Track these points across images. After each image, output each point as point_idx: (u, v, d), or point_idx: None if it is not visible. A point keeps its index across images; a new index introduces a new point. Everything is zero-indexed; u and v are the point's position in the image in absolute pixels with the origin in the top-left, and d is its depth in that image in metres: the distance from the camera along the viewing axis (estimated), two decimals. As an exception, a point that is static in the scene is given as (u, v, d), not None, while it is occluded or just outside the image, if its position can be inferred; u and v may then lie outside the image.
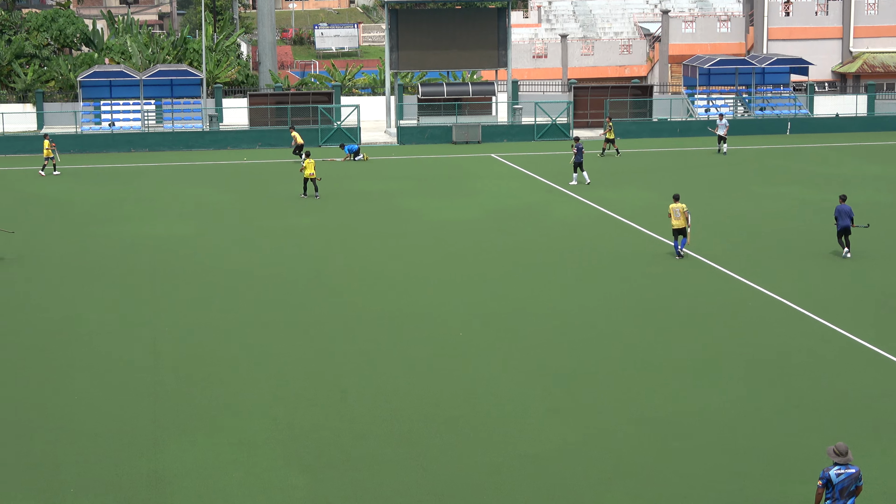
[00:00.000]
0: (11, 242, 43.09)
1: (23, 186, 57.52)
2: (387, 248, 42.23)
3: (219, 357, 29.54)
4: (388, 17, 76.25)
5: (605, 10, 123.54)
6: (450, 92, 77.39)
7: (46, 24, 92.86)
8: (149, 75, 76.46)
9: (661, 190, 53.52)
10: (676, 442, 23.55)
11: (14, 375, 28.23)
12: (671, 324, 32.14)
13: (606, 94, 78.65)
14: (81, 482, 21.88)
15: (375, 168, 62.99)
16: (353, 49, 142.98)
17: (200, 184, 57.83)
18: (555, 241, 43.08)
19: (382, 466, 22.49)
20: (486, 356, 29.38)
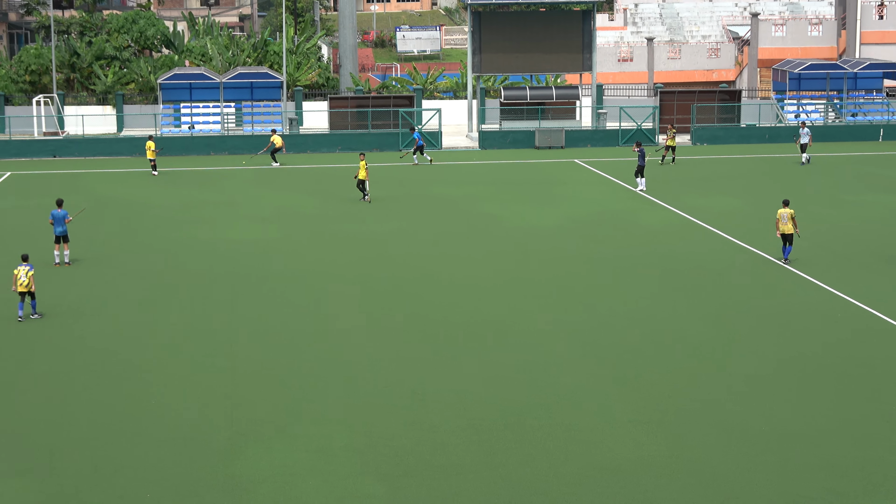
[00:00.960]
0: (89, 245, 43.58)
1: (102, 189, 58.17)
2: (467, 254, 42.23)
3: (296, 363, 29.68)
4: (471, 19, 76.24)
5: (692, 12, 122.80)
6: (533, 96, 77.27)
7: (127, 25, 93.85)
8: (229, 78, 77.03)
9: (748, 197, 53.19)
10: (765, 456, 23.34)
11: (92, 380, 28.55)
12: (758, 334, 31.85)
13: (693, 99, 78.19)
14: (158, 488, 22.07)
15: (457, 173, 63.05)
16: (434, 52, 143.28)
17: (279, 187, 58.17)
18: (639, 249, 42.86)
19: (461, 475, 22.49)
20: (568, 365, 29.29)
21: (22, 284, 32.84)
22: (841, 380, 28.03)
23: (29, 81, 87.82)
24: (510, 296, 36.28)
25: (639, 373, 28.62)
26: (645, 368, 28.96)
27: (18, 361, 30.00)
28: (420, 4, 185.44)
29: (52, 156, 70.70)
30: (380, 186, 57.49)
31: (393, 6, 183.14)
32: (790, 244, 39.59)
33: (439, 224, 48.09)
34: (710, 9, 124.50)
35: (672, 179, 59.43)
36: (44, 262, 40.43)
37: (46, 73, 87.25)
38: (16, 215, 50.95)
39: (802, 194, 54.29)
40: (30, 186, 59.46)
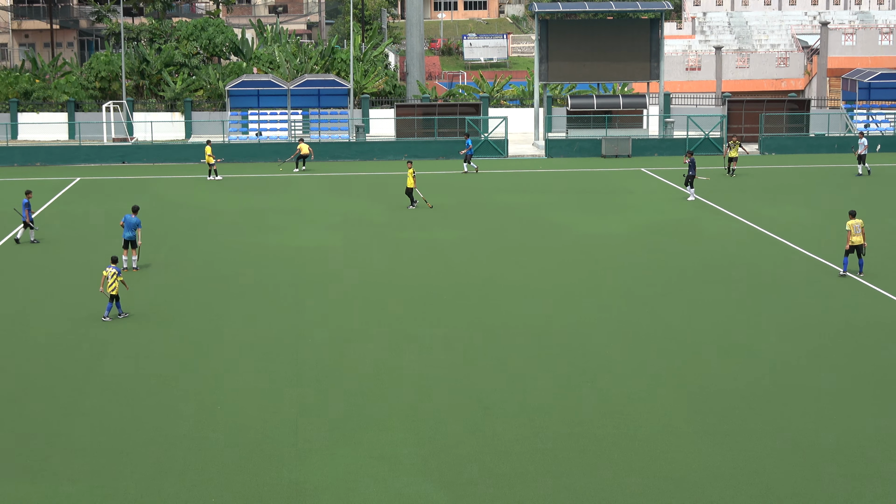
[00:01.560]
0: (157, 250, 43.94)
1: (170, 194, 58.62)
2: (532, 262, 42.17)
3: (360, 369, 29.75)
4: (539, 27, 76.23)
5: (761, 21, 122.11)
6: (600, 104, 77.13)
7: (196, 33, 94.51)
8: (296, 85, 77.43)
9: (816, 206, 52.82)
10: (831, 469, 23.13)
11: (158, 384, 28.75)
12: (827, 346, 31.57)
13: (761, 109, 77.71)
14: (222, 493, 22.18)
15: (522, 181, 63.00)
16: (501, 60, 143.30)
17: (346, 194, 58.39)
18: (705, 258, 42.63)
19: (524, 484, 22.45)
20: (634, 374, 29.17)
21: (110, 287, 33.51)
22: (910, 392, 27.78)
23: (99, 88, 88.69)
24: (575, 304, 36.18)
25: (705, 383, 28.45)
26: (711, 379, 28.78)
27: (88, 364, 30.28)
28: (487, 12, 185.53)
29: (120, 161, 71.34)
30: (445, 194, 57.58)
31: (460, 14, 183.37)
32: (862, 255, 39.13)
33: (504, 232, 48.07)
34: (780, 18, 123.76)
35: (739, 189, 59.10)
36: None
37: (116, 79, 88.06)
38: (85, 220, 51.40)
39: (871, 204, 53.78)
40: (99, 191, 60.00)
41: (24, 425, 25.91)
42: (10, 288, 39.06)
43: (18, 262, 42.99)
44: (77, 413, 26.70)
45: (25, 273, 41.18)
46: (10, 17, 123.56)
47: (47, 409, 26.99)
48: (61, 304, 36.77)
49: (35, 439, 25.05)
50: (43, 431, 25.51)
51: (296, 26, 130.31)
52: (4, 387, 28.58)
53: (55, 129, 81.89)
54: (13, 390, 28.34)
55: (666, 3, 78.00)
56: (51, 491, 22.26)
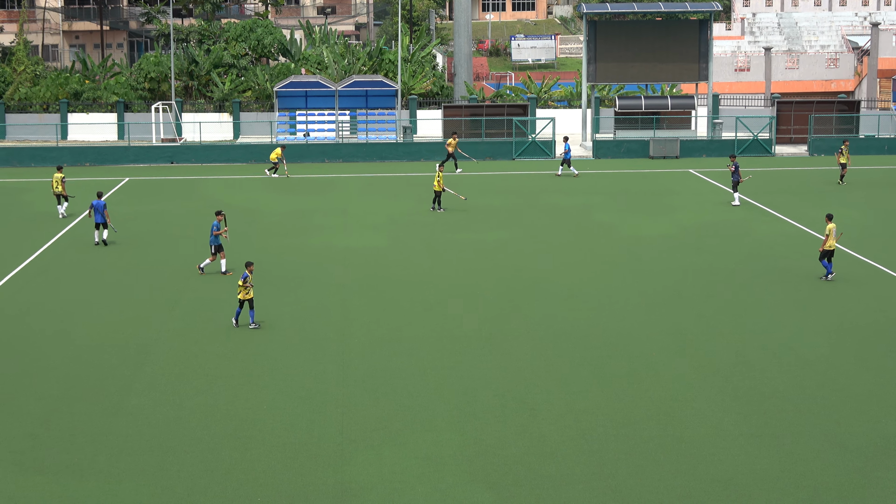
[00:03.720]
0: (194, 251, 44.13)
1: (218, 195, 58.83)
2: (579, 263, 42.08)
3: (406, 370, 29.78)
4: (587, 28, 76.06)
5: (811, 22, 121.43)
6: (648, 105, 76.89)
7: (245, 34, 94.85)
8: (344, 86, 77.60)
9: (865, 208, 52.45)
10: (880, 472, 22.98)
11: (205, 384, 28.89)
12: (873, 347, 31.35)
13: (811, 110, 77.26)
14: (268, 492, 22.27)
15: (570, 182, 62.87)
16: (549, 61, 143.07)
17: (393, 195, 58.44)
18: (753, 260, 42.39)
19: (570, 486, 22.42)
20: (681, 376, 29.07)
21: (245, 292, 33.02)
22: (960, 396, 27.56)
23: (148, 89, 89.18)
24: (622, 305, 36.09)
25: (753, 385, 28.32)
26: (759, 381, 28.65)
27: (135, 363, 30.43)
28: (535, 13, 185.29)
29: (169, 162, 71.68)
30: (492, 195, 57.57)
31: (508, 15, 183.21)
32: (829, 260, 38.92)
33: (551, 233, 47.99)
34: (830, 18, 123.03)
35: (788, 190, 58.78)
36: (169, 264, 41.01)
37: (165, 80, 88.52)
38: (136, 220, 51.66)
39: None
40: (147, 192, 60.33)
41: (71, 424, 26.09)
42: (56, 288, 39.33)
43: (69, 261, 43.32)
44: (123, 412, 26.85)
45: (73, 273, 41.46)
46: (61, 18, 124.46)
47: (94, 408, 27.16)
48: (108, 304, 37.01)
49: (82, 438, 25.22)
50: (90, 430, 25.68)
51: (344, 27, 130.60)
52: (52, 387, 28.78)
53: (104, 130, 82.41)
54: (61, 390, 28.53)
55: (715, 4, 77.62)
56: (98, 489, 22.41)
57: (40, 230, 49.18)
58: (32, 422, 26.22)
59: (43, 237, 47.62)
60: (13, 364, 30.56)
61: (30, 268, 42.24)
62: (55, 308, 36.44)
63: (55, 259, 43.72)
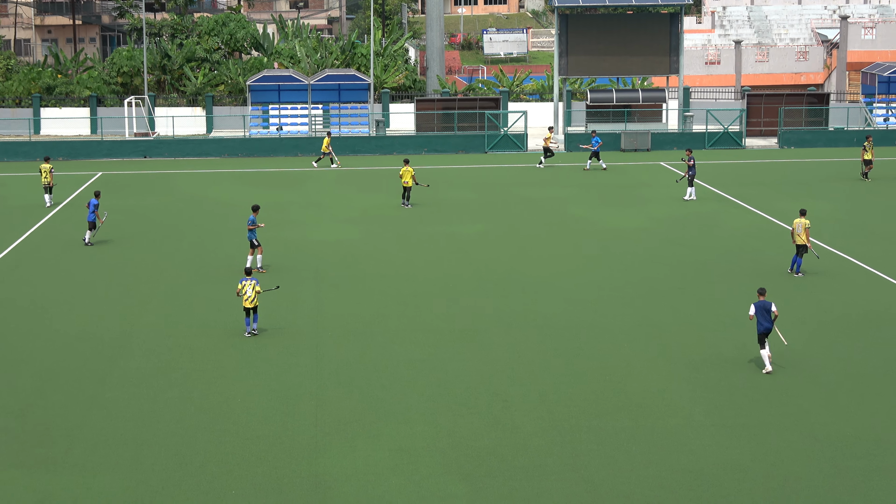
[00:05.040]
0: (179, 244, 44.02)
1: (191, 189, 58.71)
2: (552, 256, 42.14)
3: (380, 362, 29.80)
4: (559, 22, 76.11)
5: (781, 15, 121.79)
6: (619, 98, 77.01)
7: (217, 28, 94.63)
8: (317, 80, 77.50)
9: (834, 200, 52.65)
10: (849, 462, 23.10)
11: (179, 377, 28.87)
12: (844, 337, 31.50)
13: (781, 102, 77.44)
14: (243, 484, 22.27)
15: (542, 175, 62.92)
16: (521, 54, 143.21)
17: (366, 188, 58.39)
18: (724, 252, 42.51)
19: (543, 477, 22.48)
20: (652, 368, 29.16)
21: (247, 299, 31.46)
22: (928, 386, 27.73)
23: (121, 83, 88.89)
24: (595, 297, 36.17)
25: (723, 377, 28.43)
26: (729, 372, 28.76)
27: (110, 358, 30.37)
28: (507, 7, 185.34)
29: (142, 156, 71.45)
30: (465, 188, 57.61)
31: (480, 9, 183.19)
32: (801, 255, 38.92)
33: (524, 226, 48.03)
34: (799, 12, 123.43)
35: (758, 183, 58.96)
36: (133, 260, 40.84)
37: (138, 74, 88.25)
38: (109, 215, 51.42)
39: (889, 197, 53.63)
40: (120, 186, 60.12)
41: (46, 418, 26.04)
42: (31, 282, 39.22)
43: (48, 259, 43.20)
44: (98, 406, 26.81)
45: (46, 268, 41.34)
46: (34, 12, 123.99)
47: (69, 401, 27.11)
48: (85, 299, 36.93)
49: (57, 431, 25.17)
50: (65, 424, 25.64)
51: (316, 21, 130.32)
52: (27, 380, 28.70)
53: (77, 124, 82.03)
54: (35, 384, 28.45)
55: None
56: (72, 483, 22.38)
57: (15, 224, 48.98)
58: (7, 415, 26.15)
59: (17, 231, 47.44)
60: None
61: (4, 262, 42.11)
62: (29, 302, 36.33)
63: (29, 253, 43.55)
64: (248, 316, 31.89)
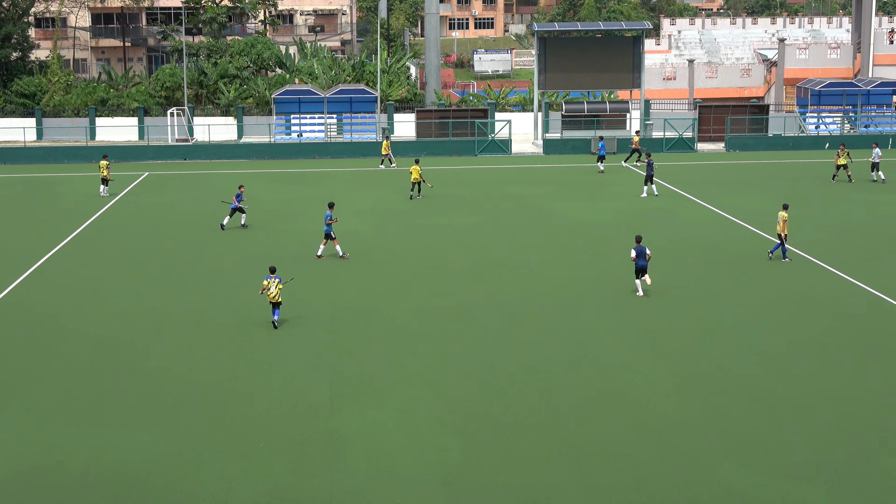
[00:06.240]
0: (205, 235, 43.84)
1: (224, 187, 58.48)
2: (536, 244, 42.00)
3: (386, 335, 29.66)
4: (538, 44, 75.96)
5: (728, 38, 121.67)
6: (590, 109, 76.83)
7: (247, 49, 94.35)
8: (332, 93, 77.28)
9: (776, 197, 52.55)
10: (786, 419, 22.99)
11: (216, 347, 28.73)
12: (784, 314, 31.40)
13: (728, 112, 77.32)
14: (268, 439, 22.14)
15: (525, 175, 62.74)
16: (506, 71, 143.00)
17: (375, 186, 58.20)
18: (680, 240, 42.43)
19: (527, 432, 22.36)
20: (620, 339, 29.04)
21: (271, 295, 29.99)
22: (855, 354, 27.58)
23: (164, 96, 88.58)
24: (570, 278, 36.04)
25: (679, 346, 28.33)
26: (686, 344, 28.67)
27: (156, 329, 30.23)
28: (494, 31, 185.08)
29: (183, 159, 71.25)
30: (459, 186, 57.44)
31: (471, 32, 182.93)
32: (782, 243, 38.72)
33: (511, 218, 47.87)
34: (743, 35, 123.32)
35: (708, 181, 58.81)
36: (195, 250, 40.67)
37: (179, 89, 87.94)
38: (154, 209, 51.39)
39: (823, 194, 53.52)
40: (164, 184, 59.95)
41: (99, 382, 25.89)
42: (89, 267, 39.03)
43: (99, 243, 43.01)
44: (142, 373, 26.66)
45: (100, 254, 41.17)
46: (90, 36, 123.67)
47: (118, 369, 26.96)
48: (134, 280, 36.76)
49: (107, 395, 25.04)
50: (114, 388, 25.50)
51: (331, 43, 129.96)
52: (84, 351, 28.55)
53: (127, 132, 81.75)
54: (89, 354, 28.31)
55: (646, 24, 77.76)
56: (121, 438, 22.26)
57: (74, 216, 48.81)
58: (65, 380, 26.00)
59: (77, 222, 47.27)
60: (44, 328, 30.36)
61: (65, 248, 41.91)
62: (86, 282, 36.15)
63: (87, 241, 43.36)
64: (275, 309, 30.39)
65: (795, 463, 20.73)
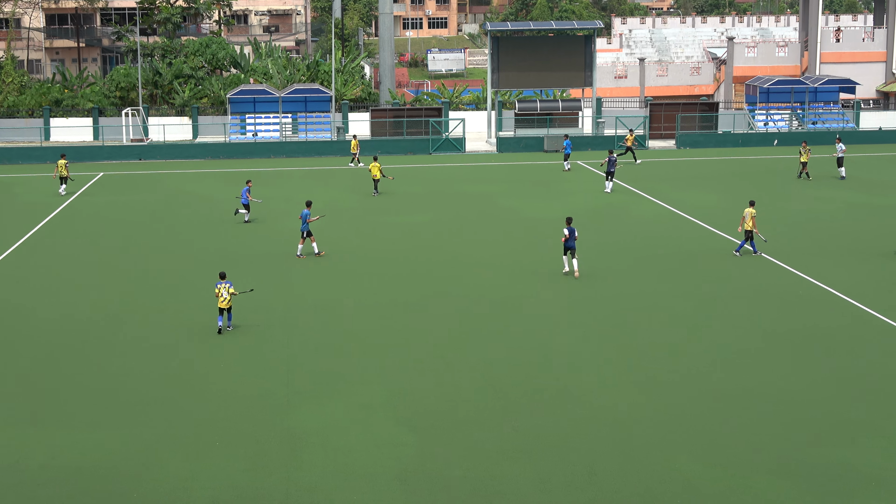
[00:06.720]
0: (162, 235, 43.66)
1: (179, 186, 58.26)
2: (487, 240, 42.15)
3: (342, 333, 29.71)
4: (491, 43, 76.11)
5: (678, 36, 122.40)
6: (542, 107, 77.09)
7: (201, 49, 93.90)
8: (286, 93, 77.09)
9: (726, 192, 52.99)
10: (738, 412, 23.26)
11: (172, 343, 28.68)
12: (734, 308, 31.73)
13: (678, 110, 77.79)
14: (226, 436, 22.17)
15: (478, 173, 62.89)
16: (460, 70, 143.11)
17: (329, 185, 58.14)
18: (632, 236, 42.71)
19: (480, 427, 22.50)
20: (573, 334, 29.23)
21: (223, 301, 29.39)
22: (799, 346, 27.93)
23: (119, 96, 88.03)
24: (523, 275, 36.22)
25: (633, 342, 28.56)
26: (637, 338, 28.91)
27: (111, 330, 30.13)
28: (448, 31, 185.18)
29: (137, 159, 70.84)
30: (413, 184, 57.50)
31: (425, 32, 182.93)
32: (751, 241, 38.99)
33: (464, 215, 48.00)
34: (693, 34, 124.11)
35: (659, 178, 59.19)
36: (131, 248, 40.46)
37: (133, 89, 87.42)
38: (111, 208, 51.09)
39: (773, 190, 54.00)
40: (119, 184, 59.61)
41: (57, 382, 25.80)
42: (46, 267, 38.82)
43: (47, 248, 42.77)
44: (101, 373, 26.59)
45: (55, 254, 40.94)
46: (44, 36, 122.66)
47: (76, 369, 26.87)
48: (91, 280, 36.59)
49: (66, 394, 24.95)
50: (73, 388, 25.42)
51: (286, 43, 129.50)
52: (42, 350, 28.43)
53: (82, 132, 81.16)
54: (48, 353, 28.18)
55: (598, 23, 78.03)
56: (80, 437, 22.21)
57: (29, 216, 48.47)
58: (23, 380, 25.88)
59: (32, 222, 46.95)
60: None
61: (21, 248, 41.64)
62: (43, 282, 35.94)
63: (42, 240, 43.08)
64: (221, 314, 29.71)
65: (749, 455, 21.00)
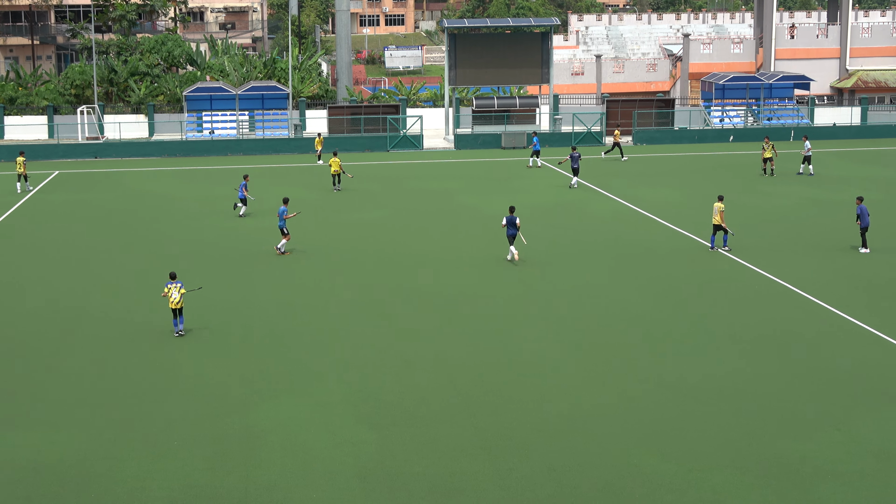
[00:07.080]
0: (118, 234, 43.38)
1: (136, 185, 57.90)
2: (445, 238, 42.15)
3: (299, 331, 29.63)
4: (448, 40, 76.09)
5: (634, 33, 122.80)
6: (500, 104, 77.17)
7: (157, 46, 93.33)
8: (243, 90, 76.75)
9: (682, 189, 53.25)
10: (693, 405, 23.39)
11: (128, 347, 28.48)
12: (691, 304, 31.91)
13: (635, 107, 78.08)
14: (184, 435, 22.04)
15: (436, 170, 62.89)
16: (417, 68, 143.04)
17: (287, 183, 57.94)
18: (590, 233, 42.87)
19: (440, 424, 22.49)
20: (532, 330, 29.28)
21: (173, 301, 28.79)
22: (756, 340, 28.11)
23: (74, 94, 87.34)
24: (482, 272, 36.23)
25: (591, 338, 28.65)
26: (596, 334, 28.99)
27: (68, 328, 29.89)
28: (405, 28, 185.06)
29: (93, 157, 70.33)
30: (370, 181, 57.40)
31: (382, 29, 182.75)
32: (725, 234, 39.08)
33: (422, 212, 47.99)
34: (649, 30, 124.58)
35: (616, 174, 59.40)
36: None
37: (89, 87, 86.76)
38: (66, 207, 50.69)
39: (730, 186, 54.29)
40: (75, 183, 59.14)
41: (11, 382, 25.55)
42: (2, 264, 38.44)
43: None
44: (57, 372, 26.35)
45: (11, 249, 40.56)
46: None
47: (31, 368, 26.62)
48: (49, 277, 36.28)
49: (21, 394, 24.72)
50: (28, 387, 25.18)
51: (242, 40, 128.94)
52: (-5, 350, 28.19)
53: (36, 130, 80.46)
54: (4, 353, 27.90)
55: (554, 20, 78.21)
56: (35, 438, 22.01)
57: (-18, 217, 48.11)
58: (-22, 382, 25.67)
59: (-16, 223, 46.60)
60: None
61: (-27, 250, 41.30)
62: None
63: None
64: (176, 317, 29.20)
65: (707, 449, 21.11)
